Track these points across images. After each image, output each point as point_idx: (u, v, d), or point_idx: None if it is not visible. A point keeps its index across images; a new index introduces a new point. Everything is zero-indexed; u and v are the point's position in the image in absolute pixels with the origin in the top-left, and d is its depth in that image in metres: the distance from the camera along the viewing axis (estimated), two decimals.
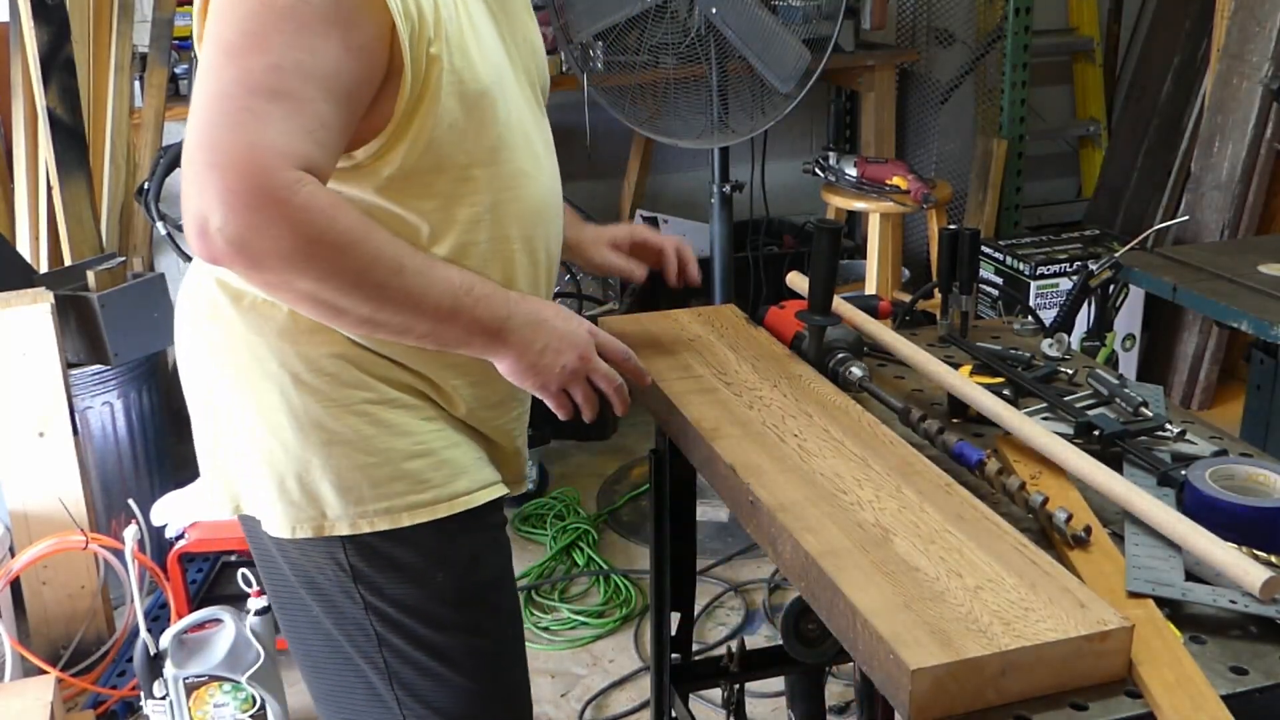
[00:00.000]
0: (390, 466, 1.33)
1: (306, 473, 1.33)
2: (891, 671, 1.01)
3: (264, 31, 1.14)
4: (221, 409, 1.37)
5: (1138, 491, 1.27)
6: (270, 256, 1.14)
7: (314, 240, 1.14)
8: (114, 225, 3.43)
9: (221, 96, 1.13)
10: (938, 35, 4.51)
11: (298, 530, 1.34)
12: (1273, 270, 2.50)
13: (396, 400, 1.34)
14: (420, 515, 1.35)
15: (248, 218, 1.11)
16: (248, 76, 1.13)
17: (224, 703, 2.36)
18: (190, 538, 2.59)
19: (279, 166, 1.12)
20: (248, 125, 1.12)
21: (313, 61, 1.14)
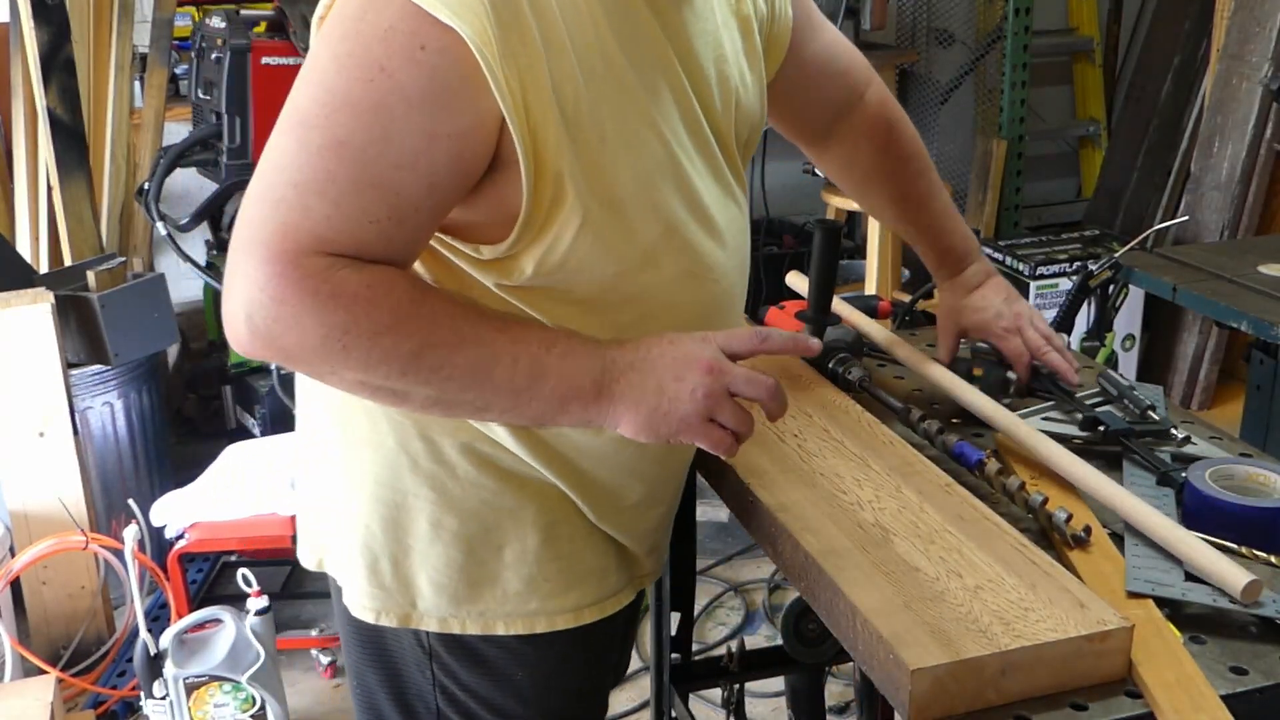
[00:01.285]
0: (493, 573, 1.21)
1: (404, 559, 1.22)
2: (891, 671, 1.01)
3: (334, 103, 1.00)
4: (328, 468, 1.27)
5: (1123, 492, 1.27)
6: (302, 350, 1.02)
7: (347, 332, 1.01)
8: (114, 225, 3.43)
9: (274, 167, 1.02)
10: (938, 35, 4.51)
11: (382, 617, 1.24)
12: (1273, 270, 2.50)
13: (520, 504, 1.20)
14: (516, 627, 1.23)
15: (273, 311, 1.00)
16: (304, 152, 1.00)
17: (224, 703, 2.36)
18: (190, 538, 2.59)
19: (311, 253, 1.00)
20: (291, 204, 1.00)
21: (384, 148, 1.00)
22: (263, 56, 3.04)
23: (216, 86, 3.09)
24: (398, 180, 1.01)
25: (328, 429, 1.25)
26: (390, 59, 0.98)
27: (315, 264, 1.00)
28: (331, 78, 1.01)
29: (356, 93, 0.99)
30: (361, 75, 0.99)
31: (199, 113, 3.29)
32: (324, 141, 1.00)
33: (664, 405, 1.08)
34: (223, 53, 3.05)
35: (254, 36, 3.05)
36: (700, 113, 1.17)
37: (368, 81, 0.99)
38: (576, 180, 1.06)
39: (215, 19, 3.16)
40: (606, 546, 1.27)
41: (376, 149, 1.00)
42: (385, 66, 0.99)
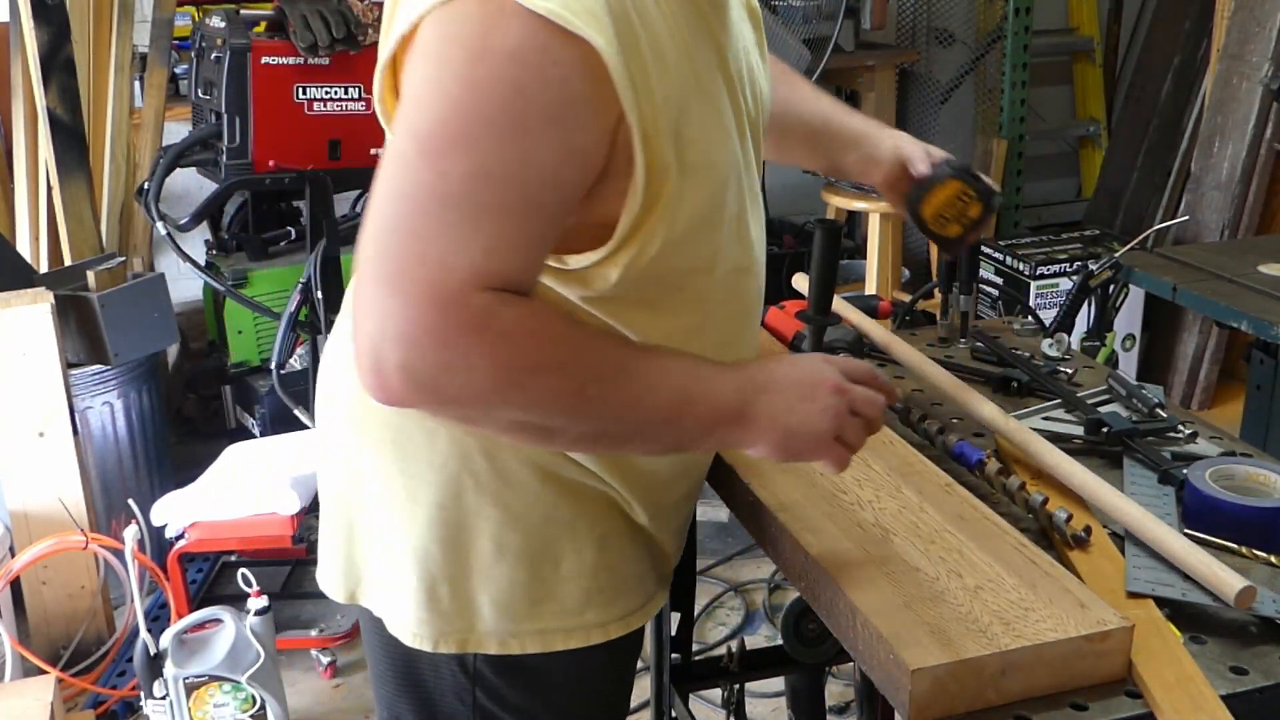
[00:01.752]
0: (552, 588, 1.19)
1: (465, 581, 1.17)
2: (891, 671, 1.01)
3: (471, 130, 0.94)
4: (369, 495, 1.21)
5: (1120, 498, 1.27)
6: (465, 395, 0.97)
7: (519, 370, 0.97)
8: (114, 225, 3.43)
9: (411, 202, 0.94)
10: (938, 35, 4.51)
11: (441, 644, 1.20)
12: (1273, 270, 2.50)
13: (576, 517, 1.19)
14: (573, 641, 1.21)
15: (438, 356, 0.94)
16: (445, 183, 0.94)
17: (224, 703, 2.36)
18: (190, 538, 2.59)
19: (474, 290, 0.94)
20: (440, 242, 0.93)
21: (525, 170, 0.95)
22: (263, 56, 3.04)
23: (216, 86, 3.09)
24: (541, 202, 0.97)
25: (372, 455, 1.20)
26: (524, 77, 0.94)
27: (479, 301, 0.94)
28: (464, 101, 0.94)
29: (493, 115, 0.94)
30: (496, 97, 0.93)
31: (199, 113, 3.29)
32: (468, 169, 0.94)
33: (796, 425, 1.09)
34: (223, 53, 3.05)
35: (254, 36, 3.05)
36: (743, 108, 1.17)
37: (504, 103, 0.94)
38: (676, 185, 1.04)
39: (215, 19, 3.16)
40: (646, 551, 1.26)
41: (521, 173, 0.95)
42: (520, 86, 0.94)
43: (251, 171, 3.12)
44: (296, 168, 3.13)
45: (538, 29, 0.93)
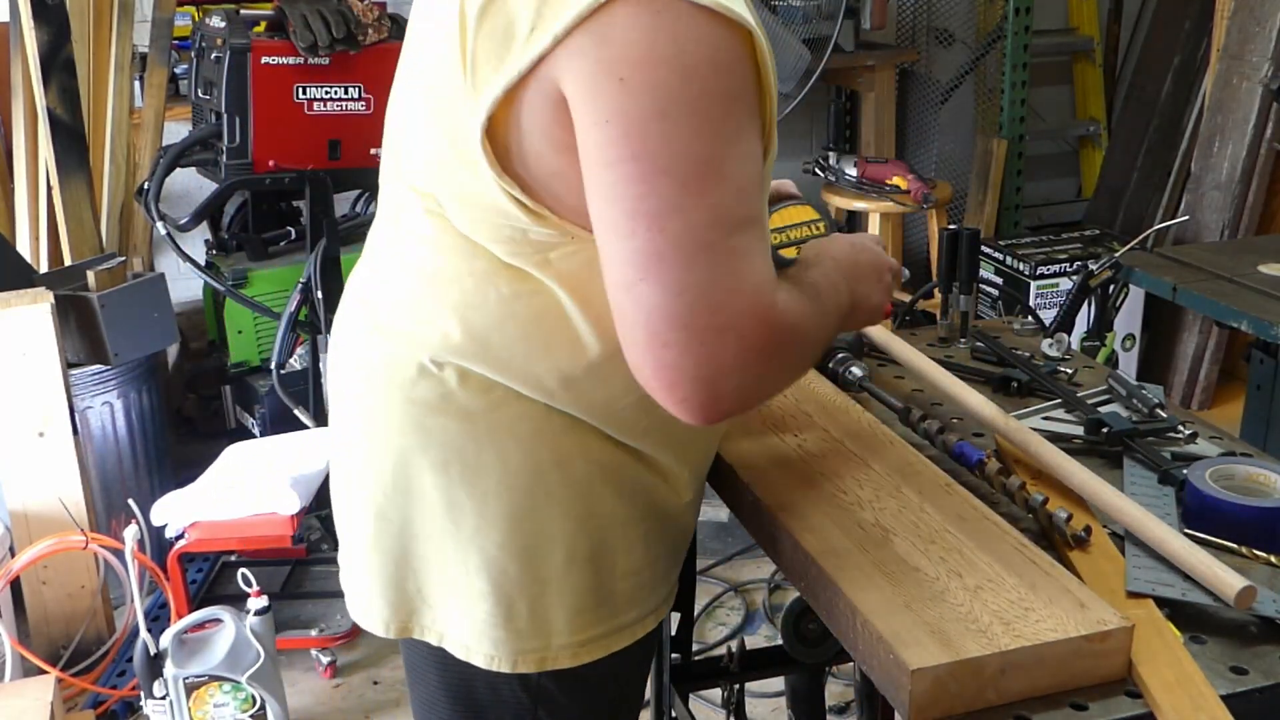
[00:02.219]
0: (610, 589, 1.18)
1: (542, 596, 1.15)
2: (891, 671, 1.01)
3: (719, 153, 0.95)
4: (429, 518, 1.16)
5: (1121, 498, 1.27)
6: (771, 392, 1.12)
7: (810, 353, 1.12)
8: (114, 225, 3.43)
9: (694, 243, 0.95)
10: (938, 35, 4.51)
11: (520, 664, 1.17)
12: (1273, 270, 2.50)
13: (631, 512, 1.18)
14: (623, 640, 1.21)
15: (762, 368, 1.00)
16: (722, 213, 0.96)
17: (224, 703, 2.36)
18: (190, 538, 2.59)
19: (775, 300, 1.00)
20: (743, 271, 0.97)
21: (755, 167, 1.00)
22: (263, 56, 3.04)
23: (216, 86, 3.09)
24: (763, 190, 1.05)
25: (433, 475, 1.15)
26: (730, 83, 0.96)
27: (781, 310, 1.02)
28: (699, 127, 0.95)
29: (726, 133, 0.96)
30: (719, 112, 0.95)
31: (199, 112, 3.29)
32: (732, 194, 0.97)
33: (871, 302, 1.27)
34: (223, 52, 3.05)
35: (254, 36, 3.05)
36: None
37: (726, 115, 0.96)
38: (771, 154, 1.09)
39: (215, 19, 3.16)
40: (676, 536, 1.27)
41: (755, 176, 1.00)
42: (730, 93, 0.96)
43: (251, 171, 3.12)
44: (296, 168, 3.13)
45: (714, 25, 0.95)
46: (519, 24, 0.97)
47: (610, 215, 0.97)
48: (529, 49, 0.97)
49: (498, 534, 1.14)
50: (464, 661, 1.19)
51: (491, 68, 0.99)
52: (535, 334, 1.09)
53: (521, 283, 1.09)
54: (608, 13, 0.93)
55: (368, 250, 1.26)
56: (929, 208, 3.62)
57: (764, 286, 0.98)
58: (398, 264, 1.17)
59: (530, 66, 0.96)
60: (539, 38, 0.96)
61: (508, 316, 1.09)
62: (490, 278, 1.09)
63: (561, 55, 0.95)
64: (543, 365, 1.10)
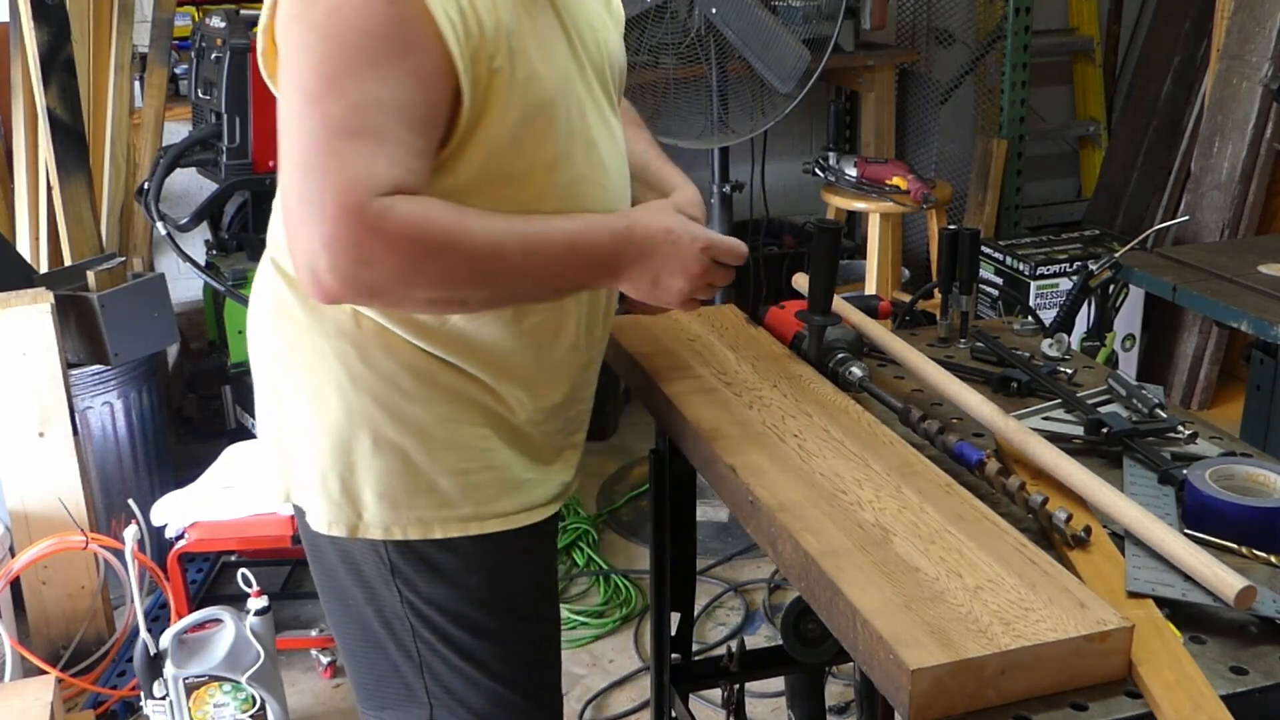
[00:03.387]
0: (430, 480, 1.35)
1: (350, 474, 1.35)
2: (891, 671, 1.01)
3: (339, 73, 1.16)
4: (285, 402, 1.41)
5: (1120, 499, 1.27)
6: (382, 283, 1.18)
7: (418, 255, 1.18)
8: (114, 225, 3.43)
9: (307, 145, 1.17)
10: (938, 35, 4.51)
11: (333, 528, 1.37)
12: (1273, 270, 2.50)
13: (450, 413, 1.35)
14: (452, 530, 1.37)
15: (353, 253, 1.15)
16: (330, 121, 1.16)
17: (224, 703, 2.36)
18: (190, 538, 2.58)
19: (369, 198, 1.15)
20: (336, 169, 1.15)
21: (390, 94, 1.17)
22: None
23: (216, 86, 3.08)
24: (410, 119, 1.18)
25: (283, 373, 1.40)
26: (369, 21, 1.16)
27: (376, 205, 1.15)
28: (327, 50, 1.16)
29: (352, 58, 1.16)
30: (350, 40, 1.16)
31: (199, 113, 3.29)
32: (344, 106, 1.16)
33: (658, 291, 1.34)
34: (222, 53, 3.05)
35: (254, 36, 3.05)
36: (577, 44, 1.36)
37: (358, 46, 1.16)
38: (507, 89, 1.24)
39: (215, 19, 3.15)
40: (532, 455, 1.41)
41: (387, 99, 1.16)
42: (366, 26, 1.16)
43: (251, 171, 3.11)
44: None
45: None
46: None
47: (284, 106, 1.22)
48: (264, 11, 1.26)
49: (315, 417, 1.36)
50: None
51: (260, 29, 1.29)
52: None
53: None
54: None
55: None
56: (929, 208, 3.62)
57: (357, 185, 1.14)
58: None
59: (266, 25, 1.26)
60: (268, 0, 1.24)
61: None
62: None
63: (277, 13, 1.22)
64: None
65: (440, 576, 1.38)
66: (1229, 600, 1.10)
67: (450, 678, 1.42)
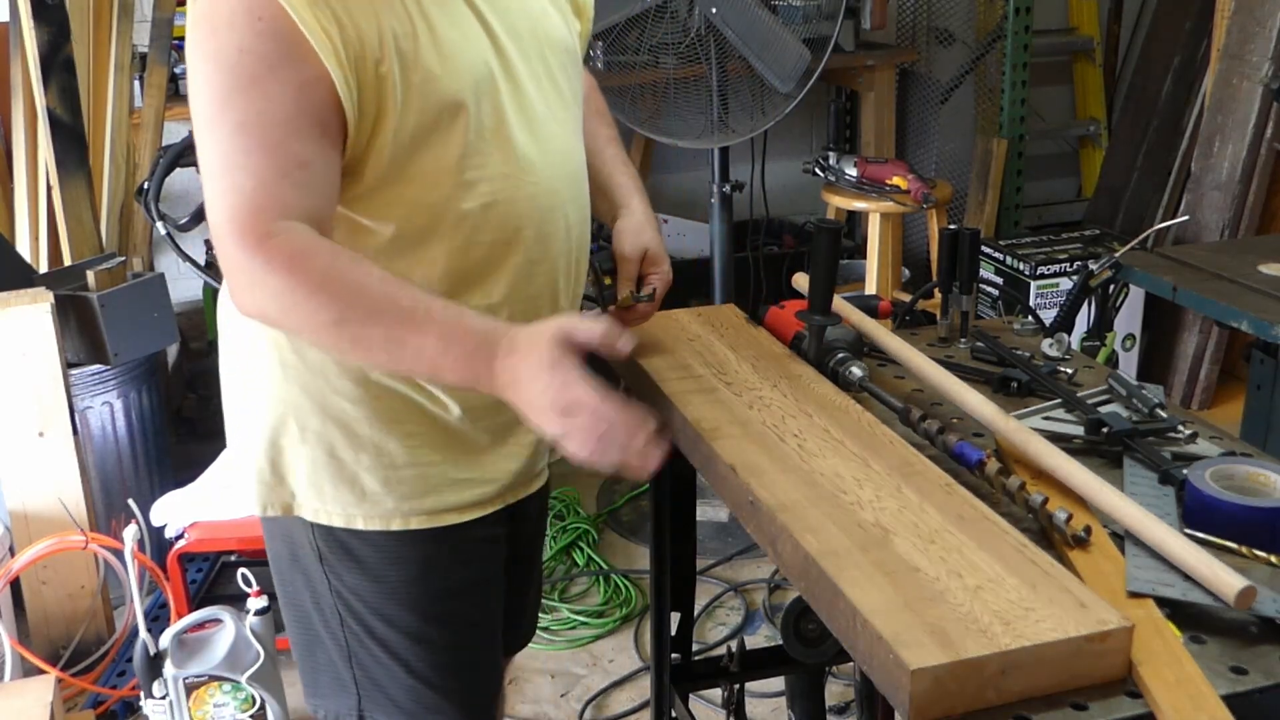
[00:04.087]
0: (353, 473, 1.38)
1: (279, 458, 1.40)
2: (891, 671, 1.01)
3: (223, 95, 1.19)
4: (229, 390, 1.47)
5: (1121, 498, 1.27)
6: (266, 308, 1.22)
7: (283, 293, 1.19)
8: (114, 225, 3.43)
9: (206, 170, 1.21)
10: (938, 35, 4.51)
11: (268, 509, 1.43)
12: (1273, 270, 2.50)
13: (377, 411, 1.37)
14: (374, 523, 1.40)
15: (237, 278, 1.21)
16: (221, 143, 1.19)
17: (224, 703, 2.37)
18: (190, 538, 2.59)
19: (254, 224, 1.18)
20: (228, 192, 1.19)
21: (273, 107, 1.19)
22: None
23: None
24: (295, 129, 1.19)
25: (229, 360, 1.47)
26: (243, 39, 1.18)
27: (258, 232, 1.18)
28: (211, 73, 1.19)
29: (232, 78, 1.18)
30: (229, 61, 1.18)
31: None
32: (228, 129, 1.19)
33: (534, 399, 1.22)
34: None
35: None
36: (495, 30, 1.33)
37: (235, 65, 1.18)
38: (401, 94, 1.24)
39: None
40: (463, 454, 1.41)
41: (266, 115, 1.18)
42: (241, 46, 1.18)
43: None
44: None
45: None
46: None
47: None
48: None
49: (249, 406, 1.42)
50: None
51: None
52: None
53: None
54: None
55: None
56: (929, 208, 3.62)
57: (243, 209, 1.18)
58: None
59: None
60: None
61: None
62: None
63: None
64: None
65: (362, 568, 1.41)
66: (1229, 600, 1.10)
67: (375, 669, 1.45)
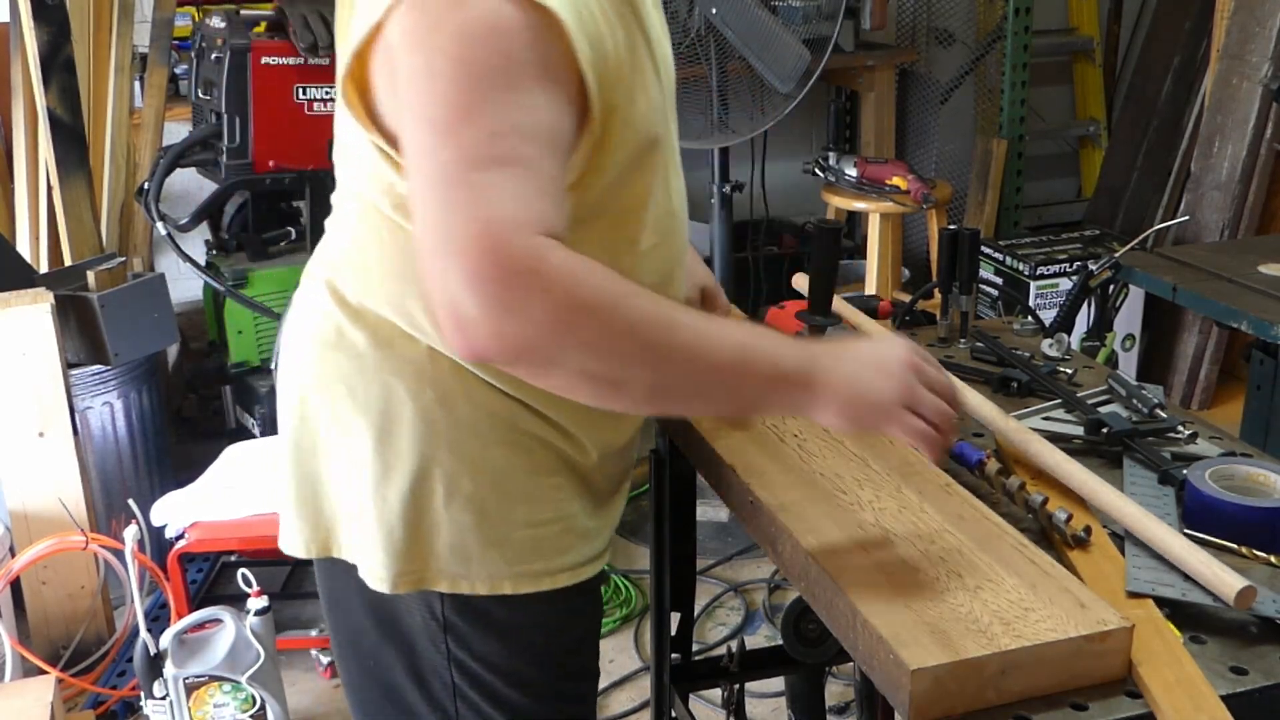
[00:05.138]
0: (503, 533, 1.24)
1: (420, 525, 1.23)
2: (891, 671, 1.01)
3: (474, 101, 1.03)
4: (332, 444, 1.27)
5: (1121, 499, 1.27)
6: (531, 337, 1.01)
7: (576, 307, 1.01)
8: (114, 225, 3.43)
9: (443, 179, 1.03)
10: (938, 35, 4.51)
11: (399, 584, 1.25)
12: (1273, 270, 2.50)
13: (529, 462, 1.24)
14: (523, 585, 1.26)
15: (502, 297, 0.99)
16: (466, 152, 1.03)
17: (224, 703, 2.36)
18: (190, 538, 2.58)
19: (519, 237, 1.00)
20: (478, 202, 1.01)
21: (530, 120, 1.05)
22: (263, 56, 3.04)
23: (216, 86, 3.09)
24: (551, 147, 1.06)
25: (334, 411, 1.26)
26: (508, 45, 1.04)
27: (525, 246, 1.00)
28: (461, 79, 1.04)
29: (489, 83, 1.03)
30: (489, 67, 1.04)
31: (199, 113, 3.29)
32: (482, 135, 1.03)
33: (868, 395, 1.12)
34: (223, 53, 3.05)
35: (254, 36, 3.05)
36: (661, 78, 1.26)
37: (496, 70, 1.04)
38: (621, 128, 1.15)
39: (215, 19, 3.16)
40: (595, 505, 1.32)
41: (527, 126, 1.04)
42: (506, 52, 1.04)
43: (251, 171, 3.12)
44: (296, 168, 3.13)
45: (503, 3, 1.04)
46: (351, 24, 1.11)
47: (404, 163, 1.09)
48: (350, 42, 1.12)
49: (382, 466, 1.23)
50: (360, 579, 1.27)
51: (361, 18, 1.10)
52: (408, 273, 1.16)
53: (401, 231, 1.18)
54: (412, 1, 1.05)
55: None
56: (929, 208, 3.62)
57: (503, 220, 1.00)
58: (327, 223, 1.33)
59: (380, 20, 1.07)
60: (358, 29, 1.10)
61: (389, 260, 1.20)
62: (376, 227, 1.21)
63: (394, 14, 1.06)
64: (419, 307, 1.19)
65: (497, 632, 1.28)
66: (1229, 600, 1.10)
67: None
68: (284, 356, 1.34)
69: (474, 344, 1.01)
